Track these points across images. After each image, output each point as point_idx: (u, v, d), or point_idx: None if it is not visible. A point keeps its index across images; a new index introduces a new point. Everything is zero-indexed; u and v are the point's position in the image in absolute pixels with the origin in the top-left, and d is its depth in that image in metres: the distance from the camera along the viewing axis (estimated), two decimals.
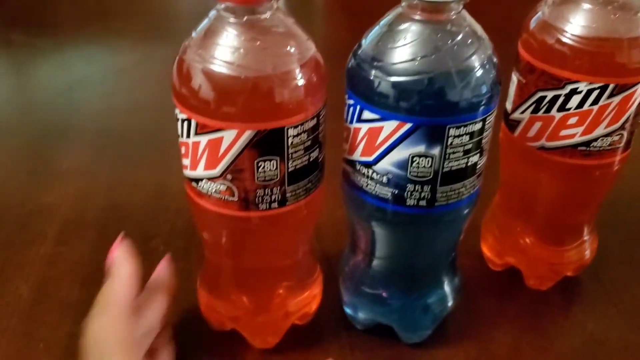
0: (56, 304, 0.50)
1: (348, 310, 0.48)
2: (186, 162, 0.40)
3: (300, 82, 0.36)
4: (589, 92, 0.42)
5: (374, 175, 0.40)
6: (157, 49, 0.91)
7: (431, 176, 0.39)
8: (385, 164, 0.39)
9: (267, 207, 0.39)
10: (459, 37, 0.37)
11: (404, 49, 0.37)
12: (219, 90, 0.36)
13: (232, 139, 0.36)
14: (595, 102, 0.42)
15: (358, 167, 0.41)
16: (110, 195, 0.63)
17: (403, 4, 0.37)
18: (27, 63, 0.91)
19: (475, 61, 0.37)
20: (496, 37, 0.40)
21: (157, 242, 0.56)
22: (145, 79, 0.86)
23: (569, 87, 0.42)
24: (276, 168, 0.37)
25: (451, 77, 0.36)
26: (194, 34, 0.37)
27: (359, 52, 0.39)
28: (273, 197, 0.39)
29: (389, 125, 0.37)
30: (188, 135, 0.38)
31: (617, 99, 0.42)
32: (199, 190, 0.40)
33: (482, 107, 0.37)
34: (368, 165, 0.40)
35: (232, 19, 0.36)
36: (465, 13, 0.38)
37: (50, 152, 0.70)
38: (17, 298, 0.50)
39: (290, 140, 0.37)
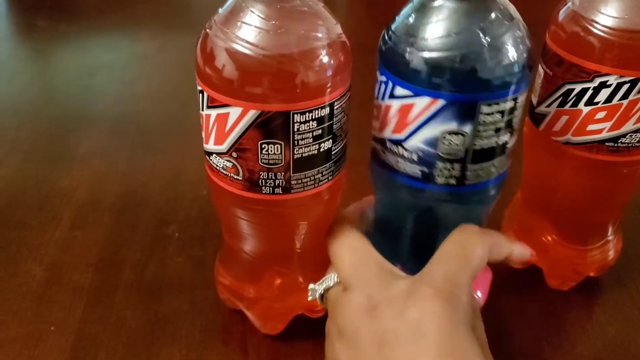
0: (69, 287, 0.50)
1: None
2: (203, 134, 0.39)
3: (312, 67, 0.35)
4: (619, 86, 0.40)
5: (405, 153, 0.39)
6: (178, 37, 0.91)
7: (462, 154, 0.38)
8: (416, 141, 0.38)
9: (271, 191, 0.38)
10: (492, 15, 0.36)
11: (437, 25, 0.36)
12: (227, 66, 0.35)
13: (237, 117, 0.35)
14: (624, 96, 0.41)
15: (388, 145, 0.40)
16: (127, 181, 0.62)
17: None
18: (50, 48, 0.92)
19: (508, 39, 0.36)
20: None
21: (173, 229, 0.56)
22: (166, 67, 0.85)
23: (598, 80, 0.41)
24: (280, 153, 0.37)
25: (483, 53, 0.36)
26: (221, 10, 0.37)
27: (393, 27, 0.38)
28: (277, 182, 0.38)
29: (421, 102, 0.37)
30: (202, 108, 0.38)
31: None
32: (211, 164, 0.40)
33: (513, 85, 0.37)
34: (398, 142, 0.39)
35: None
36: None
37: (69, 136, 0.70)
38: (30, 280, 0.50)
39: (296, 126, 0.36)
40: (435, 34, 0.36)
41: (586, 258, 0.50)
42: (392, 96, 0.38)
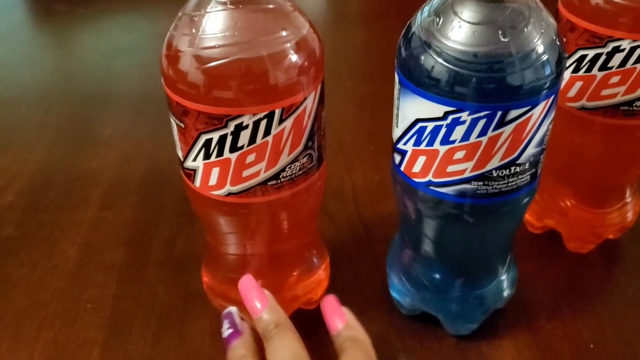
0: (101, 266, 0.52)
1: (395, 295, 0.47)
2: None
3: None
4: (632, 50, 0.41)
5: None
6: None
7: None
8: None
9: (319, 164, 0.40)
10: None
11: None
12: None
13: (311, 102, 0.37)
14: (638, 60, 0.41)
15: None
16: (152, 160, 0.64)
17: None
18: (69, 32, 0.93)
19: None
20: None
21: None
22: None
23: (611, 45, 0.41)
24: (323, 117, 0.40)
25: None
26: None
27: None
28: (322, 149, 0.41)
29: None
30: (270, 131, 0.36)
31: None
32: (274, 179, 0.38)
33: None
34: None
35: None
36: None
37: (93, 119, 0.71)
38: (64, 260, 0.52)
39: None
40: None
41: (605, 221, 0.50)
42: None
